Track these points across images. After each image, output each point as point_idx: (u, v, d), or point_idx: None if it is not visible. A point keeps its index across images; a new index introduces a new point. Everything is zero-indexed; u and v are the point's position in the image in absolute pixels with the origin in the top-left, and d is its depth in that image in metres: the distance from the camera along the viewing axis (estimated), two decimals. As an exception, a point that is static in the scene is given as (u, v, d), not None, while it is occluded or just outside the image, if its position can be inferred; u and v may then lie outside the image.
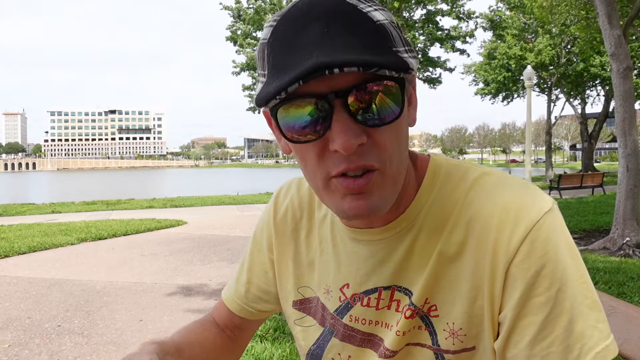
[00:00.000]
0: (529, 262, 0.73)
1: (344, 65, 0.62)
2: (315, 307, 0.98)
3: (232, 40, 27.12)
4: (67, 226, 12.21)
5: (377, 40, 0.68)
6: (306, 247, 1.00)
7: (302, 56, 0.65)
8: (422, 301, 0.83)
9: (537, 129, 79.59)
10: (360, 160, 0.70)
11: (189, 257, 8.62)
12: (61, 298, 6.20)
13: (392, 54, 0.69)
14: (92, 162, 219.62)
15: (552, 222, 0.75)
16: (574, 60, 30.02)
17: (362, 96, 0.67)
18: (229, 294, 1.12)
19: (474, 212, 0.79)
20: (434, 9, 25.35)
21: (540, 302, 0.73)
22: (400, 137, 0.74)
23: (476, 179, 0.83)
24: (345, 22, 0.67)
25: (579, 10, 15.18)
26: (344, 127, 0.67)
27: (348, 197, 0.73)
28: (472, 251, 0.79)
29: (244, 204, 18.76)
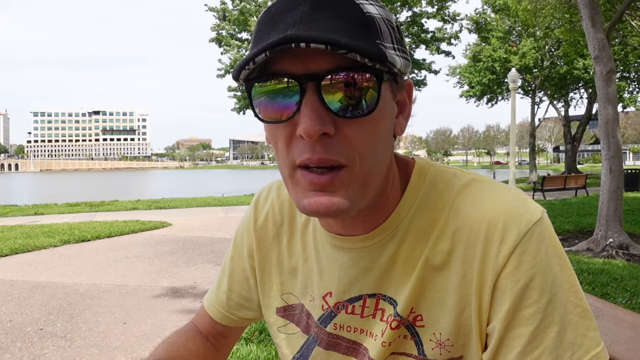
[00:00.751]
0: (518, 274, 0.72)
1: (312, 41, 0.60)
2: (299, 314, 0.96)
3: (217, 41, 27.05)
4: (50, 228, 12.07)
5: (361, 29, 0.66)
6: (288, 253, 0.97)
7: (279, 30, 0.64)
8: (408, 311, 0.81)
9: (521, 131, 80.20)
10: (325, 152, 0.67)
11: (173, 259, 8.55)
12: (43, 301, 6.11)
13: (372, 44, 0.66)
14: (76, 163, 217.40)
15: (542, 233, 0.74)
16: (557, 63, 30.37)
17: (335, 83, 0.65)
18: (210, 302, 1.10)
19: (462, 221, 0.78)
20: (419, 11, 25.50)
21: (530, 313, 0.72)
22: (374, 135, 0.70)
23: (464, 185, 0.81)
24: (334, 8, 0.65)
25: (562, 13, 15.36)
26: (310, 112, 0.65)
27: (309, 192, 0.70)
28: (459, 261, 0.77)
29: (229, 206, 18.70)
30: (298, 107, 0.66)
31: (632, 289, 5.72)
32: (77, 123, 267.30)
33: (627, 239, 8.03)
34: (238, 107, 26.35)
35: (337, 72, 0.64)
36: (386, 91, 0.70)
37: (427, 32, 26.22)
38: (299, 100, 0.66)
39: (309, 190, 0.70)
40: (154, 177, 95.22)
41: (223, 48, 26.80)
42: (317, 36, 0.61)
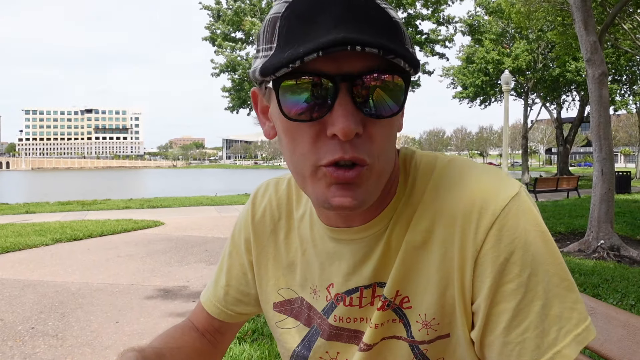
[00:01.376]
0: (498, 250, 0.72)
1: (366, 45, 0.62)
2: (298, 308, 0.97)
3: (210, 40, 26.99)
4: (42, 226, 12.01)
5: (392, 33, 0.68)
6: (286, 247, 0.98)
7: (322, 30, 0.64)
8: (394, 293, 0.83)
9: (513, 133, 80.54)
10: (355, 152, 0.69)
11: (166, 258, 8.53)
12: (35, 300, 6.08)
13: (406, 50, 0.69)
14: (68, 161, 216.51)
15: (520, 207, 0.74)
16: (550, 65, 30.52)
17: (368, 84, 0.66)
18: (208, 297, 1.10)
19: (441, 200, 0.79)
20: (414, 12, 25.56)
21: (512, 288, 0.72)
22: (392, 134, 0.74)
23: (443, 166, 0.83)
24: (366, 10, 0.67)
25: (555, 16, 15.43)
26: (346, 112, 0.66)
27: (333, 186, 0.72)
28: (440, 240, 0.78)
29: (222, 205, 18.65)
30: (331, 106, 0.67)
31: (623, 290, 5.76)
32: (69, 121, 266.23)
33: (618, 241, 8.08)
34: (231, 106, 26.30)
35: (371, 73, 0.66)
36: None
37: (421, 33, 26.31)
38: (332, 100, 0.66)
39: (333, 185, 0.72)
40: (147, 176, 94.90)
41: (216, 47, 26.77)
42: (371, 40, 0.62)
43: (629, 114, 47.14)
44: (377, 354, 0.87)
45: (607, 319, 1.26)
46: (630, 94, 34.76)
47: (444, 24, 26.31)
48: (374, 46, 0.62)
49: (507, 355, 0.73)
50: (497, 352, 0.74)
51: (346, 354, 0.91)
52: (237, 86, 25.80)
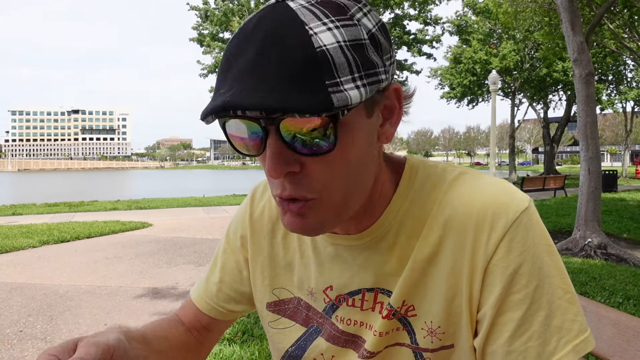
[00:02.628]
0: (508, 260, 0.75)
1: (246, 109, 0.61)
2: (294, 308, 0.97)
3: (198, 41, 26.91)
4: (28, 228, 11.90)
5: (306, 73, 0.62)
6: (283, 248, 0.98)
7: (227, 86, 0.65)
8: (400, 303, 0.83)
9: (500, 133, 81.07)
10: (292, 189, 0.70)
11: (154, 259, 8.49)
12: (23, 302, 6.04)
13: (317, 92, 0.62)
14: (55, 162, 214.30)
15: (529, 220, 0.76)
16: (537, 65, 30.76)
17: (292, 126, 0.65)
18: (199, 293, 1.09)
19: (452, 212, 0.80)
20: (401, 13, 25.63)
21: (519, 298, 0.74)
22: (343, 167, 0.71)
23: (454, 179, 0.83)
24: (280, 50, 0.63)
25: (542, 16, 15.54)
26: (273, 153, 0.67)
27: (287, 213, 0.74)
28: (450, 251, 0.79)
29: (210, 206, 18.59)
30: (264, 146, 0.68)
31: (610, 287, 5.81)
32: (55, 122, 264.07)
33: (605, 239, 8.15)
34: (220, 106, 26.23)
35: (292, 116, 0.63)
36: (355, 117, 0.69)
37: (409, 34, 26.38)
38: (265, 141, 0.67)
39: (285, 212, 0.74)
40: (134, 177, 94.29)
41: (204, 48, 26.69)
42: (251, 103, 0.61)
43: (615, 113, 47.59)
44: None
45: (597, 318, 1.27)
46: (617, 94, 35.12)
47: (431, 24, 26.42)
48: (255, 109, 0.60)
49: None
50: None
51: (341, 359, 0.91)
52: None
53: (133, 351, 0.79)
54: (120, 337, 0.75)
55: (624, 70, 32.10)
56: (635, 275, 6.42)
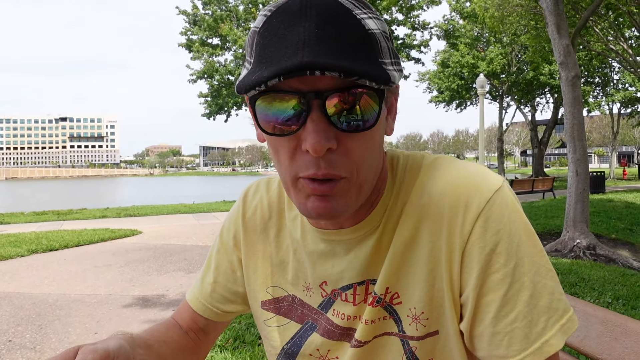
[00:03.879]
0: (484, 240, 0.75)
1: (325, 69, 0.63)
2: (288, 306, 0.98)
3: (186, 47, 26.84)
4: (16, 237, 11.80)
5: (365, 48, 0.68)
6: (276, 246, 0.99)
7: (289, 52, 0.66)
8: (384, 290, 0.84)
9: (489, 136, 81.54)
10: (328, 167, 0.71)
11: (144, 267, 8.45)
12: (11, 312, 5.99)
13: (377, 65, 0.69)
14: (42, 171, 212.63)
15: (504, 199, 0.77)
16: (524, 68, 31.02)
17: (340, 101, 0.67)
18: (194, 295, 1.10)
19: (427, 196, 0.81)
20: (389, 18, 25.75)
21: (498, 278, 0.74)
22: (372, 146, 0.75)
23: (429, 165, 0.85)
24: (338, 26, 0.67)
25: (528, 20, 15.65)
26: (317, 128, 0.68)
27: (312, 197, 0.74)
28: (427, 234, 0.80)
29: (200, 213, 18.56)
30: (304, 122, 0.69)
31: (600, 288, 5.86)
32: (43, 130, 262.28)
33: (593, 240, 8.21)
34: (208, 112, 26.13)
35: (342, 90, 0.67)
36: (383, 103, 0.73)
37: (397, 38, 26.50)
38: (305, 116, 0.68)
39: (311, 195, 0.74)
40: (123, 185, 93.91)
41: (193, 54, 26.63)
42: (331, 64, 0.63)
43: (602, 115, 48.01)
44: (370, 351, 0.88)
45: (585, 316, 1.28)
46: (603, 96, 35.44)
47: (419, 29, 26.56)
48: (334, 69, 0.63)
49: (497, 345, 0.75)
50: (486, 342, 0.76)
51: (337, 352, 0.92)
52: (214, 92, 25.69)
53: (138, 357, 0.80)
54: (122, 343, 0.76)
55: (610, 72, 32.43)
56: (624, 275, 6.48)
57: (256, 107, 0.71)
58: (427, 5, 24.09)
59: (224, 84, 25.21)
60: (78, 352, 0.70)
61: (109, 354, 0.72)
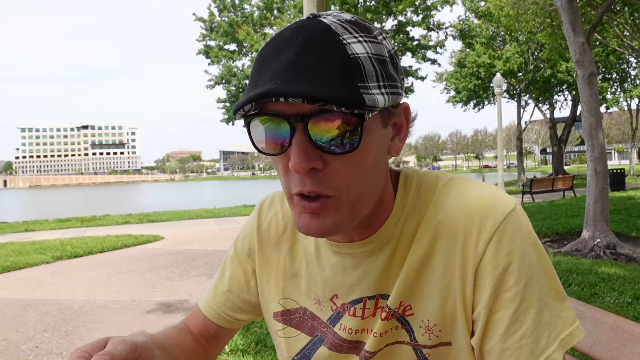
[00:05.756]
0: (497, 260, 0.78)
1: (289, 95, 0.67)
2: (299, 318, 1.01)
3: (204, 52, 27.05)
4: (42, 244, 12.01)
5: (343, 73, 0.70)
6: (290, 259, 1.02)
7: (267, 78, 0.71)
8: (397, 304, 0.87)
9: (508, 135, 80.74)
10: (314, 185, 0.75)
11: (167, 272, 8.56)
12: (38, 318, 6.12)
13: (352, 90, 0.70)
14: (65, 178, 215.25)
15: (516, 221, 0.80)
16: (541, 66, 30.62)
17: (321, 124, 0.71)
18: (207, 302, 1.13)
19: (442, 216, 0.84)
20: (404, 19, 25.68)
21: (509, 297, 0.78)
22: (361, 167, 0.77)
23: (444, 185, 0.89)
24: (318, 53, 0.71)
25: (544, 18, 15.54)
26: (298, 149, 0.72)
27: (303, 215, 0.79)
28: (442, 253, 0.84)
29: (221, 217, 18.64)
30: (289, 143, 0.73)
31: (620, 287, 5.82)
32: (65, 138, 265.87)
33: (614, 239, 8.15)
34: (227, 117, 26.31)
35: (323, 113, 0.70)
36: (374, 123, 0.76)
37: (412, 40, 26.41)
38: (290, 138, 0.73)
39: (303, 213, 0.79)
40: (145, 190, 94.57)
41: (211, 59, 26.82)
42: (295, 90, 0.67)
43: (621, 111, 47.30)
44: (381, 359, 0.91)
45: (595, 322, 1.29)
46: (621, 92, 34.96)
47: (435, 30, 26.44)
48: (297, 96, 0.67)
49: None
50: (496, 358, 0.79)
51: None
52: (232, 97, 25.84)
53: (157, 358, 0.84)
54: (147, 340, 0.81)
55: (627, 68, 31.98)
56: (645, 275, 6.41)
57: (250, 128, 0.76)
58: (442, 5, 23.98)
59: (241, 89, 25.35)
60: (108, 342, 0.74)
61: (137, 346, 0.76)
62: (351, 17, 0.78)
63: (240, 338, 4.71)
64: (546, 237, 9.94)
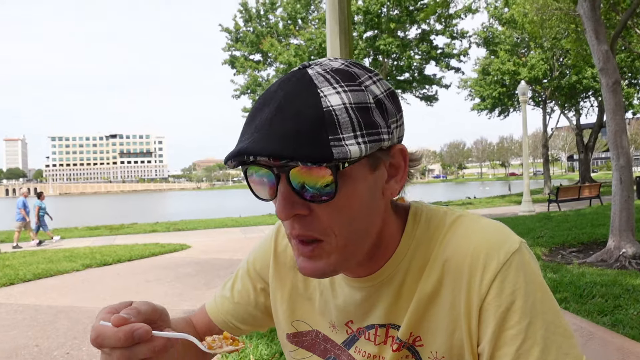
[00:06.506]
0: (500, 299, 0.80)
1: (257, 154, 0.72)
2: (311, 340, 1.05)
3: (229, 62, 27.37)
4: (71, 252, 12.29)
5: (313, 129, 0.73)
6: (304, 283, 1.06)
7: (247, 135, 0.76)
8: (407, 335, 0.90)
9: (534, 142, 79.73)
10: (302, 229, 0.80)
11: (193, 281, 8.69)
12: (68, 325, 6.28)
13: (320, 145, 0.72)
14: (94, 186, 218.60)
15: (520, 261, 0.82)
16: (566, 73, 30.23)
17: (301, 174, 0.75)
18: (215, 307, 1.17)
19: (449, 253, 0.87)
20: (428, 28, 25.66)
21: (513, 334, 0.79)
22: (347, 213, 0.80)
23: (452, 222, 0.90)
24: (295, 108, 0.74)
25: (568, 24, 15.41)
26: (281, 197, 0.77)
27: (300, 257, 0.83)
28: (449, 289, 0.86)
29: (247, 226, 18.81)
30: (276, 191, 0.78)
31: (644, 299, 5.76)
32: (94, 147, 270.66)
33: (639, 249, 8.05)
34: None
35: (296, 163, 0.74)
36: (358, 170, 0.79)
37: (436, 48, 26.36)
38: (277, 187, 0.78)
39: (300, 255, 0.84)
40: (172, 199, 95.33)
41: (236, 69, 27.13)
42: (262, 149, 0.72)
43: (649, 117, 46.29)
44: None
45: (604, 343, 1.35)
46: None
47: (458, 38, 26.36)
48: (264, 154, 0.72)
49: None
50: None
51: None
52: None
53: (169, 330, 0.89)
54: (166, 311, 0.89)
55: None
56: (670, 285, 6.34)
57: (247, 175, 0.81)
58: (465, 13, 23.91)
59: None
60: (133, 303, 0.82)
61: (157, 309, 0.84)
62: (341, 64, 0.81)
63: (265, 348, 4.79)
64: (572, 247, 9.84)
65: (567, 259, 8.82)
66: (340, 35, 4.36)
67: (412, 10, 24.49)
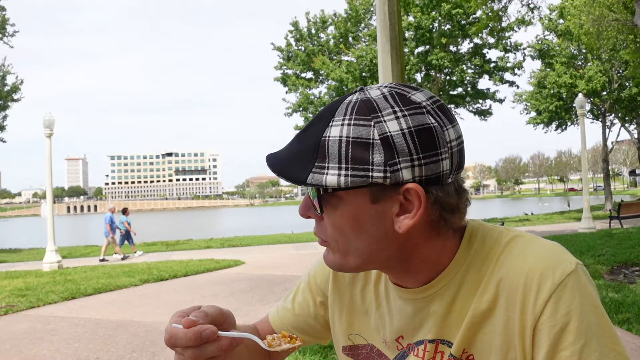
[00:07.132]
0: (554, 320, 0.80)
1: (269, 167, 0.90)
2: (367, 354, 1.07)
3: (281, 80, 27.77)
4: (130, 268, 12.64)
5: (307, 154, 0.85)
6: (361, 298, 1.09)
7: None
8: (461, 352, 0.92)
9: (594, 156, 77.35)
10: (316, 230, 0.94)
11: (248, 297, 8.79)
12: (127, 339, 6.45)
13: (305, 169, 0.85)
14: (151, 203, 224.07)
15: (576, 283, 0.82)
16: (626, 84, 29.21)
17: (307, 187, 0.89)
18: (278, 317, 1.22)
19: (504, 273, 0.87)
20: (480, 42, 25.38)
21: (567, 355, 0.79)
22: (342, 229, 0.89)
23: (508, 241, 0.91)
24: (311, 131, 0.87)
25: (627, 34, 14.98)
26: (303, 201, 0.93)
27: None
28: (503, 308, 0.87)
29: (299, 243, 18.91)
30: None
31: None
32: (151, 165, 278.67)
33: None
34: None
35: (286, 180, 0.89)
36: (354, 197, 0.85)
37: (489, 62, 26.02)
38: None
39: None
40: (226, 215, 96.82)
41: (288, 87, 27.50)
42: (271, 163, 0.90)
43: None
44: None
45: None
46: None
47: (512, 51, 25.95)
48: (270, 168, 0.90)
49: None
50: None
51: None
52: (310, 125, 26.37)
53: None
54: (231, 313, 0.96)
55: None
56: None
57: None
58: (518, 26, 23.53)
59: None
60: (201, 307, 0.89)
61: (223, 312, 0.91)
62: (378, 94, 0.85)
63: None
64: (635, 265, 9.46)
65: (630, 278, 8.49)
66: (391, 51, 4.39)
67: (463, 24, 24.32)
